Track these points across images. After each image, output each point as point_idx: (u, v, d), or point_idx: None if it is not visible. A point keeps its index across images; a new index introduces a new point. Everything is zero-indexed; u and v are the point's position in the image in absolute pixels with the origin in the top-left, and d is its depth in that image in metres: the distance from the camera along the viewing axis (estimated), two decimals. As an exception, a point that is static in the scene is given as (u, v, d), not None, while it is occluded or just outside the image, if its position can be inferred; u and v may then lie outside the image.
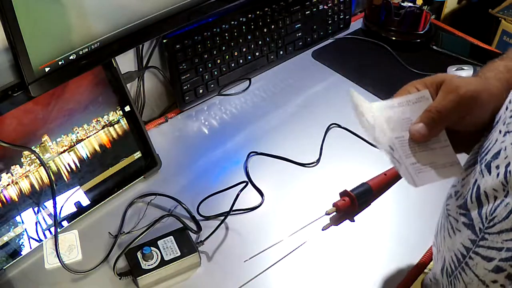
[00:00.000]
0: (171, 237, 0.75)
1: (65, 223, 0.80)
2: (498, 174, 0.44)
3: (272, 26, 1.08)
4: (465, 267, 0.48)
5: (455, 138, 0.54)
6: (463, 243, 0.49)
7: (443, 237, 0.54)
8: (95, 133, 0.83)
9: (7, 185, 0.74)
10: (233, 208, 0.80)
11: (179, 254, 0.73)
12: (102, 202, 0.83)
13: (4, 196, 0.74)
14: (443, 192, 0.60)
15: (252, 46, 1.06)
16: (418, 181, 0.51)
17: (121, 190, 0.85)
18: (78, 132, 0.81)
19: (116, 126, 0.85)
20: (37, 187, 0.77)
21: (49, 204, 0.78)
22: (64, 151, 0.80)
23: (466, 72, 1.08)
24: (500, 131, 0.47)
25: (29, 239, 0.76)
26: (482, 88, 0.50)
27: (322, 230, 0.80)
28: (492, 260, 0.44)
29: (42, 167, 0.76)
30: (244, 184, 0.83)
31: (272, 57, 1.11)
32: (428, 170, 0.52)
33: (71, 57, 0.72)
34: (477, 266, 0.46)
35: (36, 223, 0.77)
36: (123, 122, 0.86)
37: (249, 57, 1.07)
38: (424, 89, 0.53)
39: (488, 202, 0.46)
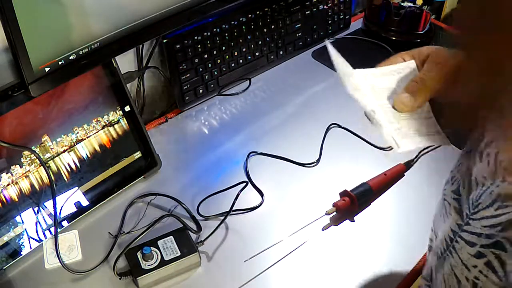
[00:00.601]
0: (171, 237, 0.75)
1: (65, 223, 0.80)
2: (488, 162, 0.44)
3: (272, 26, 1.08)
4: (452, 250, 0.48)
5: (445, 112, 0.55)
6: (452, 227, 0.49)
7: (438, 221, 0.55)
8: (95, 133, 0.83)
9: (7, 185, 0.74)
10: (233, 208, 0.80)
11: (179, 254, 0.73)
12: (102, 202, 0.83)
13: (4, 196, 0.74)
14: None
15: (252, 46, 1.06)
16: (402, 145, 0.51)
17: (121, 190, 0.85)
18: (78, 132, 0.81)
19: (116, 126, 0.85)
20: (37, 187, 0.77)
21: (49, 204, 0.78)
22: (64, 151, 0.80)
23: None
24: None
25: (29, 239, 0.76)
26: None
27: (322, 230, 0.80)
28: (474, 246, 0.45)
29: (42, 167, 0.76)
30: (244, 184, 0.83)
31: (272, 57, 1.11)
32: (412, 136, 0.52)
33: (71, 57, 0.72)
34: (461, 250, 0.47)
35: (36, 223, 0.77)
36: (123, 122, 0.86)
37: (249, 57, 1.07)
38: (411, 59, 0.54)
39: (476, 188, 0.46)
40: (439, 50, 0.53)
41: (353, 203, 0.82)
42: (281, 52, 1.12)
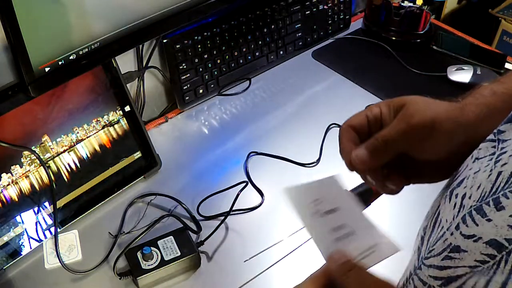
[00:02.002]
0: (171, 237, 0.75)
1: (65, 223, 0.80)
2: (455, 204, 0.41)
3: (272, 26, 1.08)
4: None
5: (418, 166, 0.52)
6: (410, 267, 0.47)
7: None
8: (95, 133, 0.83)
9: (7, 185, 0.74)
10: (233, 208, 0.80)
11: (179, 254, 0.73)
12: (102, 202, 0.83)
13: (4, 196, 0.74)
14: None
15: (252, 46, 1.06)
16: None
17: (121, 190, 0.85)
18: (78, 132, 0.81)
19: (116, 126, 0.85)
20: (37, 187, 0.77)
21: (49, 204, 0.78)
22: (64, 151, 0.80)
23: (466, 72, 1.08)
24: (472, 156, 0.44)
25: (29, 239, 0.76)
26: (444, 117, 0.47)
27: (322, 230, 0.80)
28: None
29: (42, 167, 0.76)
30: (244, 184, 0.83)
31: (272, 57, 1.11)
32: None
33: (71, 57, 0.72)
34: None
35: (36, 223, 0.77)
36: (123, 122, 0.86)
37: (249, 57, 1.07)
38: (387, 110, 0.50)
39: (436, 231, 0.43)
40: (415, 103, 0.48)
41: (353, 203, 0.82)
42: (281, 52, 1.12)
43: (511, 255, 0.34)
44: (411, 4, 1.16)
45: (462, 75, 1.08)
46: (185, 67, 0.98)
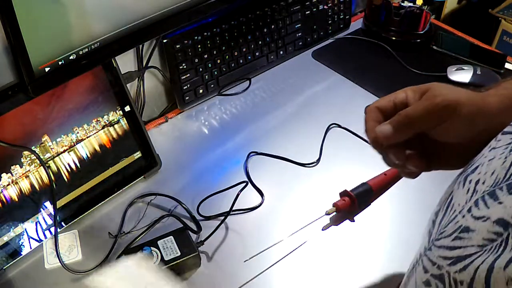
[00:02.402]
0: (171, 237, 0.75)
1: (65, 223, 0.80)
2: (468, 190, 0.42)
3: (272, 26, 1.08)
4: (414, 273, 0.47)
5: (439, 151, 0.53)
6: (420, 249, 0.48)
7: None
8: (95, 133, 0.83)
9: (7, 185, 0.74)
10: (233, 208, 0.80)
11: (179, 254, 0.73)
12: (102, 202, 0.83)
13: (4, 196, 0.74)
14: (443, 192, 0.60)
15: (252, 46, 1.06)
16: None
17: (121, 190, 0.85)
18: (78, 132, 0.81)
19: (116, 126, 0.85)
20: (37, 187, 0.77)
21: (49, 204, 0.78)
22: (64, 151, 0.80)
23: (466, 72, 1.08)
24: (489, 146, 0.45)
25: (29, 239, 0.76)
26: (467, 101, 0.49)
27: (322, 230, 0.80)
28: (427, 272, 0.43)
29: (42, 167, 0.76)
30: (244, 184, 0.83)
31: (272, 57, 1.11)
32: None
33: (71, 57, 0.72)
34: (418, 274, 0.45)
35: (36, 223, 0.77)
36: (123, 122, 0.86)
37: (249, 57, 1.07)
38: (413, 94, 0.52)
39: (448, 214, 0.44)
40: (439, 86, 0.51)
41: (353, 203, 0.82)
42: (281, 52, 1.12)
43: None
44: (411, 4, 1.16)
45: (462, 75, 1.08)
46: (185, 67, 0.98)
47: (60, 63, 0.71)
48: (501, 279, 0.34)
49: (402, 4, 1.17)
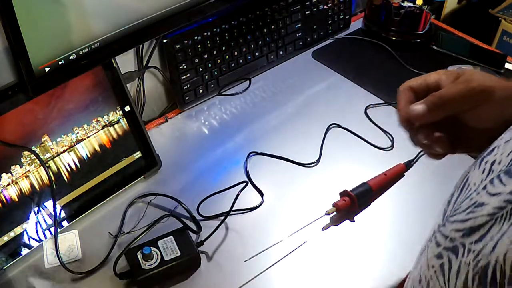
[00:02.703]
0: (171, 237, 0.75)
1: (65, 223, 0.80)
2: (484, 170, 0.44)
3: (272, 26, 1.08)
4: (426, 250, 0.48)
5: (467, 135, 0.54)
6: (434, 228, 0.49)
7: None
8: (95, 133, 0.83)
9: (7, 185, 0.74)
10: (233, 208, 0.80)
11: (179, 254, 0.73)
12: (102, 202, 0.83)
13: (4, 196, 0.74)
14: (443, 193, 0.60)
15: (252, 46, 1.06)
16: None
17: (121, 190, 0.85)
18: (78, 132, 0.81)
19: (116, 126, 0.85)
20: (37, 187, 0.77)
21: (49, 204, 0.78)
22: (64, 151, 0.80)
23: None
24: (509, 129, 0.46)
25: (29, 239, 0.76)
26: (499, 87, 0.50)
27: (322, 230, 0.80)
28: (439, 246, 0.44)
29: (42, 167, 0.76)
30: (244, 184, 0.83)
31: (272, 57, 1.11)
32: None
33: (71, 57, 0.72)
34: (430, 249, 0.46)
35: (36, 223, 0.77)
36: (123, 122, 0.86)
37: (249, 57, 1.07)
38: (447, 77, 0.54)
39: (464, 193, 0.45)
40: (475, 72, 0.52)
41: (353, 203, 0.82)
42: (281, 52, 1.12)
43: None
44: (411, 4, 1.16)
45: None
46: (185, 67, 0.98)
47: (60, 63, 0.71)
48: (503, 244, 0.35)
49: (402, 4, 1.17)
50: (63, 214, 0.79)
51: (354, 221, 0.82)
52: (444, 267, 0.42)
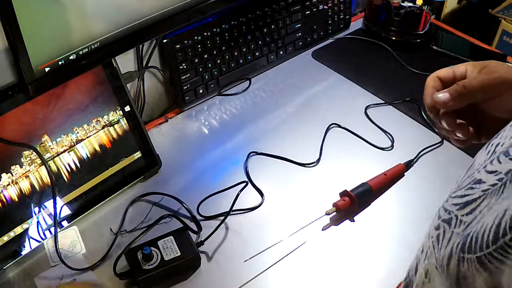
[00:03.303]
0: (171, 237, 0.75)
1: (65, 223, 0.80)
2: (488, 152, 0.46)
3: (272, 26, 1.08)
4: (430, 226, 0.50)
5: (488, 123, 0.57)
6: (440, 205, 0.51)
7: None
8: (95, 133, 0.83)
9: (7, 185, 0.74)
10: (233, 208, 0.80)
11: (179, 254, 0.73)
12: (102, 202, 0.83)
13: (4, 196, 0.74)
14: (443, 193, 0.60)
15: (252, 46, 1.06)
16: None
17: (121, 190, 0.85)
18: (78, 132, 0.81)
19: (116, 126, 0.85)
20: (37, 187, 0.77)
21: (49, 204, 0.78)
22: (64, 151, 0.80)
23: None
24: None
25: (29, 239, 0.76)
26: None
27: (322, 230, 0.80)
28: (439, 218, 0.47)
29: (42, 167, 0.76)
30: (244, 184, 0.83)
31: (272, 57, 1.11)
32: None
33: (71, 57, 0.72)
34: (432, 223, 0.48)
35: (36, 223, 0.77)
36: (123, 122, 0.86)
37: (249, 57, 1.07)
38: (473, 68, 0.57)
39: (468, 173, 0.48)
40: (498, 64, 0.56)
41: (353, 203, 0.82)
42: (281, 52, 1.12)
43: None
44: (411, 4, 1.16)
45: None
46: (185, 67, 0.98)
47: (60, 63, 0.71)
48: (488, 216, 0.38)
49: (402, 4, 1.17)
50: (63, 214, 0.79)
51: (354, 221, 0.82)
52: (439, 237, 0.45)
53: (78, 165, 0.81)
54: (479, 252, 0.38)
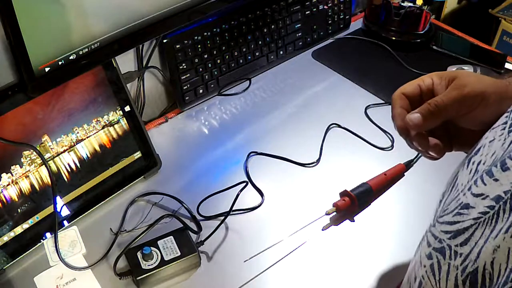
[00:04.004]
0: (171, 237, 0.75)
1: (65, 223, 0.80)
2: (471, 170, 0.45)
3: (272, 26, 1.08)
4: (419, 248, 0.50)
5: (461, 135, 0.55)
6: (426, 229, 0.50)
7: None
8: (95, 133, 0.83)
9: (7, 185, 0.74)
10: (233, 208, 0.80)
11: (179, 254, 0.73)
12: (102, 202, 0.83)
13: (4, 196, 0.74)
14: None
15: (252, 46, 1.06)
16: None
17: (121, 190, 0.85)
18: (78, 132, 0.81)
19: (116, 126, 0.85)
20: (37, 187, 0.77)
21: (49, 204, 0.78)
22: (64, 151, 0.80)
23: (466, 72, 1.08)
24: (492, 128, 0.47)
25: (29, 239, 0.76)
26: (492, 90, 0.51)
27: (322, 230, 0.80)
28: (429, 246, 0.45)
29: (42, 167, 0.76)
30: (244, 184, 0.83)
31: (272, 57, 1.11)
32: None
33: (71, 57, 0.72)
34: (421, 248, 0.48)
35: (36, 223, 0.77)
36: (123, 122, 0.86)
37: (249, 57, 1.07)
38: (439, 81, 0.54)
39: (452, 193, 0.46)
40: (467, 76, 0.53)
41: (353, 203, 0.82)
42: (281, 52, 1.12)
43: (507, 204, 0.38)
44: (411, 4, 1.16)
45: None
46: (185, 67, 0.98)
47: (60, 63, 0.71)
48: (488, 250, 0.38)
49: (402, 4, 1.17)
50: (63, 214, 0.79)
51: (354, 221, 0.82)
52: (434, 267, 0.44)
53: (78, 165, 0.81)
54: None
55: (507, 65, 1.12)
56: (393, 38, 1.18)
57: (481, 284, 0.38)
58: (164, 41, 0.95)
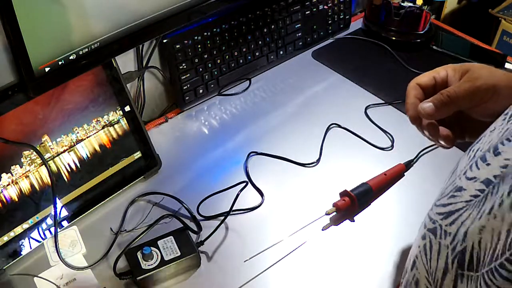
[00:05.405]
0: (171, 237, 0.75)
1: (65, 223, 0.80)
2: (469, 157, 0.46)
3: (272, 26, 1.08)
4: (418, 233, 0.51)
5: (472, 125, 0.57)
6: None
7: None
8: (95, 133, 0.83)
9: (7, 185, 0.74)
10: (233, 208, 0.80)
11: (179, 254, 0.73)
12: (102, 202, 0.83)
13: (4, 196, 0.74)
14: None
15: (252, 46, 1.06)
16: None
17: (121, 190, 0.85)
18: (78, 132, 0.81)
19: (116, 126, 0.85)
20: (37, 187, 0.77)
21: (49, 204, 0.78)
22: (64, 151, 0.80)
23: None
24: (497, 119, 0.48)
25: (29, 239, 0.76)
26: (504, 84, 0.52)
27: (322, 230, 0.80)
28: (425, 228, 0.47)
29: (42, 167, 0.76)
30: (244, 184, 0.83)
31: (272, 57, 1.11)
32: None
33: (71, 57, 0.72)
34: (419, 232, 0.49)
35: (36, 223, 0.77)
36: (123, 122, 0.86)
37: (249, 57, 1.07)
38: (453, 73, 0.56)
39: (451, 179, 0.48)
40: (480, 68, 0.55)
41: (353, 203, 0.82)
42: (281, 52, 1.12)
43: (495, 187, 0.39)
44: (411, 4, 1.16)
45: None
46: (185, 67, 0.98)
47: (60, 63, 0.72)
48: (475, 230, 0.39)
49: (402, 4, 1.17)
50: (63, 214, 0.79)
51: (354, 221, 0.82)
52: (426, 247, 0.45)
53: (78, 165, 0.81)
54: (482, 269, 0.37)
55: (507, 65, 1.12)
56: (393, 38, 1.18)
57: (468, 263, 0.39)
58: (164, 41, 0.95)
